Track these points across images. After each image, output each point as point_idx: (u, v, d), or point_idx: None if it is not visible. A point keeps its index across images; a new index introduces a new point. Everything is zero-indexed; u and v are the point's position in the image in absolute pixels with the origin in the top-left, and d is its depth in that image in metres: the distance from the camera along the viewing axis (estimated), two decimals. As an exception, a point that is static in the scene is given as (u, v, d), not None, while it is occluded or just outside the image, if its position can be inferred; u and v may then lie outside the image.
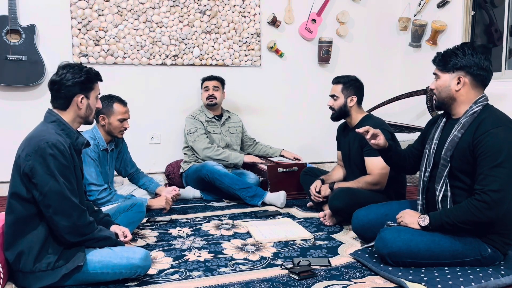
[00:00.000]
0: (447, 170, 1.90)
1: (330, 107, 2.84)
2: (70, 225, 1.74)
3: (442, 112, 2.08)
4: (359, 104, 2.79)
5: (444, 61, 1.93)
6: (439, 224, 1.88)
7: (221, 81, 3.65)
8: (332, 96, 2.82)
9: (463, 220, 1.82)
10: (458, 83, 1.90)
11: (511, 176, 1.76)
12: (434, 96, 2.01)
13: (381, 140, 2.13)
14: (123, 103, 2.78)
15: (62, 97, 1.87)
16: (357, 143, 2.71)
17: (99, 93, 1.99)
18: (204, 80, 3.63)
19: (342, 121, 2.92)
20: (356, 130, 2.18)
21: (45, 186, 1.70)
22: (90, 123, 1.99)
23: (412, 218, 1.98)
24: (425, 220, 1.92)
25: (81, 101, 1.88)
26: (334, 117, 2.86)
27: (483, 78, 1.90)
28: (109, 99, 2.74)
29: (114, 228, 2.03)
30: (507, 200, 1.77)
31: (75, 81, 1.85)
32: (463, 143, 1.86)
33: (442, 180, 1.92)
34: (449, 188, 1.91)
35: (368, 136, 2.13)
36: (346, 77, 2.82)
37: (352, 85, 2.77)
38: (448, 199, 1.91)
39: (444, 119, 2.03)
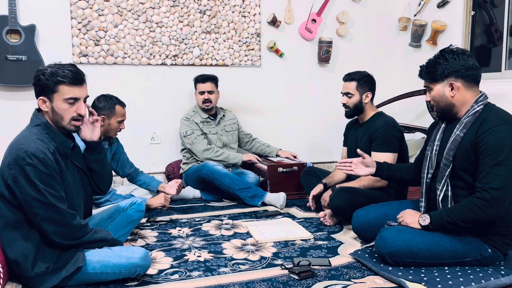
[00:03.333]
0: (449, 170, 1.90)
1: (344, 105, 2.79)
2: (60, 231, 1.72)
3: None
4: (372, 100, 2.79)
5: (430, 73, 1.94)
6: (440, 224, 1.88)
7: (216, 82, 3.56)
8: (346, 93, 2.77)
9: (464, 219, 1.82)
10: (452, 89, 1.90)
11: (511, 173, 1.76)
12: (434, 107, 2.00)
13: (360, 172, 2.26)
14: (122, 104, 2.78)
15: (35, 96, 1.83)
16: (366, 137, 2.71)
17: (73, 97, 1.79)
18: (198, 81, 3.53)
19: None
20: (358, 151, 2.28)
21: (29, 196, 1.67)
22: (69, 131, 1.85)
23: (413, 218, 1.98)
24: (426, 220, 1.92)
25: (43, 104, 1.79)
26: (349, 115, 2.83)
27: (474, 76, 1.90)
28: (110, 100, 2.73)
29: None
30: (508, 199, 1.77)
31: (35, 81, 1.79)
32: (465, 142, 1.85)
33: (443, 180, 1.91)
34: (450, 187, 1.91)
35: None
36: (358, 73, 2.77)
37: (366, 81, 2.75)
38: (449, 198, 1.91)
39: (445, 121, 2.02)
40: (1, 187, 1.74)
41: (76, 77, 1.80)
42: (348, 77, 2.80)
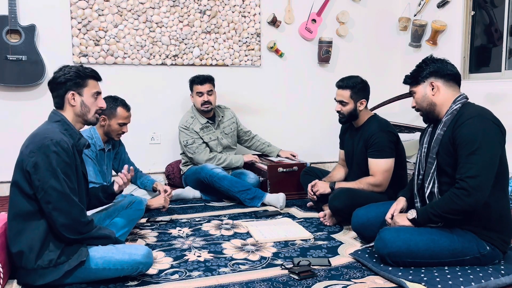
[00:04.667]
0: (433, 167, 1.97)
1: (339, 112, 2.74)
2: (68, 223, 1.75)
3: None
4: (366, 105, 2.77)
5: (413, 78, 2.07)
6: (426, 217, 1.93)
7: (213, 82, 3.46)
8: (341, 102, 2.71)
9: (447, 210, 1.86)
10: (432, 88, 2.01)
11: (487, 161, 1.81)
12: (419, 112, 2.11)
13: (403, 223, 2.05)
14: (127, 107, 2.76)
15: (56, 95, 1.90)
16: (361, 143, 2.70)
17: (98, 92, 1.95)
18: (195, 83, 3.42)
19: None
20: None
21: (46, 183, 1.72)
22: (91, 123, 1.97)
23: (402, 217, 2.04)
24: (413, 213, 1.99)
25: (73, 98, 1.89)
26: (344, 121, 2.79)
27: (453, 76, 2.00)
28: (114, 102, 2.71)
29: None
30: (486, 186, 1.81)
31: (65, 78, 1.87)
32: (445, 138, 1.94)
33: (429, 177, 1.98)
34: (436, 184, 1.97)
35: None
36: (351, 80, 2.69)
37: (360, 89, 2.68)
38: (436, 194, 1.96)
39: (432, 125, 2.11)
40: (17, 177, 1.78)
41: (98, 74, 1.99)
42: (342, 84, 2.71)
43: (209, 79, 3.44)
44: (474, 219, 1.89)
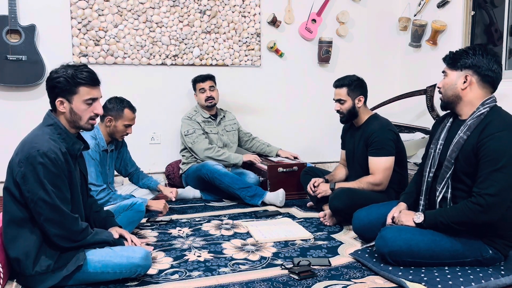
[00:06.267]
0: (450, 172, 1.89)
1: (338, 111, 2.77)
2: (61, 233, 1.74)
3: (447, 112, 2.05)
4: (365, 103, 2.78)
5: (454, 59, 1.92)
6: (433, 223, 1.89)
7: (214, 80, 3.60)
8: (339, 100, 2.75)
9: (457, 221, 1.83)
10: (464, 81, 1.89)
11: (509, 181, 1.76)
12: (440, 95, 1.99)
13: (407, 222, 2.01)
14: (133, 109, 2.77)
15: (49, 98, 1.84)
16: (362, 142, 2.71)
17: (92, 98, 1.83)
18: (197, 82, 3.57)
19: None
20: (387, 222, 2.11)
21: (35, 195, 1.69)
22: (85, 129, 1.87)
23: (407, 216, 2.00)
24: (420, 217, 1.94)
25: (61, 105, 1.80)
26: (344, 121, 2.82)
27: (491, 79, 1.88)
28: (120, 103, 2.71)
29: (121, 232, 2.03)
30: (503, 205, 1.77)
31: (53, 83, 1.79)
32: (468, 145, 1.84)
33: (444, 181, 1.91)
34: (450, 189, 1.91)
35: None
36: (348, 78, 2.75)
37: (356, 86, 2.73)
38: (448, 200, 1.91)
39: (450, 119, 2.01)
40: (9, 183, 1.76)
41: (95, 79, 1.84)
42: (338, 83, 2.76)
43: (209, 77, 3.58)
44: (481, 226, 1.85)
